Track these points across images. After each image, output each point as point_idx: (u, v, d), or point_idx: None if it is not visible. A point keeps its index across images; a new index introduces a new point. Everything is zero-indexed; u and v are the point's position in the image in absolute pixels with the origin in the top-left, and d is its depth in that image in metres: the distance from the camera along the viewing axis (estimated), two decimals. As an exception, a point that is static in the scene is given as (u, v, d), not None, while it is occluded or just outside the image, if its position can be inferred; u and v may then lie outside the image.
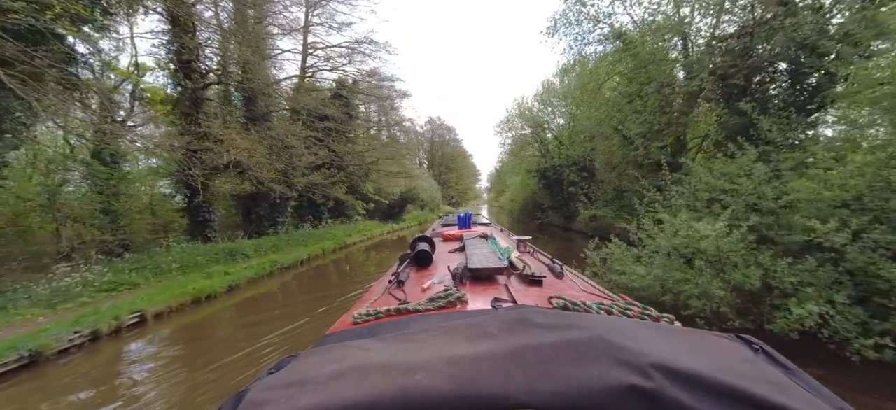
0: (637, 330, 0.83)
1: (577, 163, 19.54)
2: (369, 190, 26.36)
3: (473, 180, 72.06)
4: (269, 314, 7.92)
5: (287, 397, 0.69)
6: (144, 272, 8.62)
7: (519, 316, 0.91)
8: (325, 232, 18.36)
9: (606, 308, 1.37)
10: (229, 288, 9.11)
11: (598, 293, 1.95)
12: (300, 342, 6.00)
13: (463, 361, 0.73)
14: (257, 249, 12.56)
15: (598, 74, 14.74)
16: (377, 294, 1.97)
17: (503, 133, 29.47)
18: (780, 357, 0.83)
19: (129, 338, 6.58)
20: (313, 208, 20.61)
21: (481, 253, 2.54)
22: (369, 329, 1.35)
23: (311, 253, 13.58)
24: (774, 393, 0.63)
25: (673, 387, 0.63)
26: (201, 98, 12.25)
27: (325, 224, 20.53)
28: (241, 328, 7.40)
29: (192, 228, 13.32)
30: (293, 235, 16.67)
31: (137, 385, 5.04)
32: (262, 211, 16.44)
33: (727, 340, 0.91)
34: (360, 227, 22.17)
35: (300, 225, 19.03)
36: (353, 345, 0.92)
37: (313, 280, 11.19)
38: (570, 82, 22.09)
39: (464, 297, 1.62)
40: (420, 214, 35.97)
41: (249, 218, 16.59)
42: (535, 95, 25.72)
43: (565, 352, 0.72)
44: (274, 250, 13.17)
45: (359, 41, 17.60)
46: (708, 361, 0.71)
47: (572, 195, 23.87)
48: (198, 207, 13.09)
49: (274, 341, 6.11)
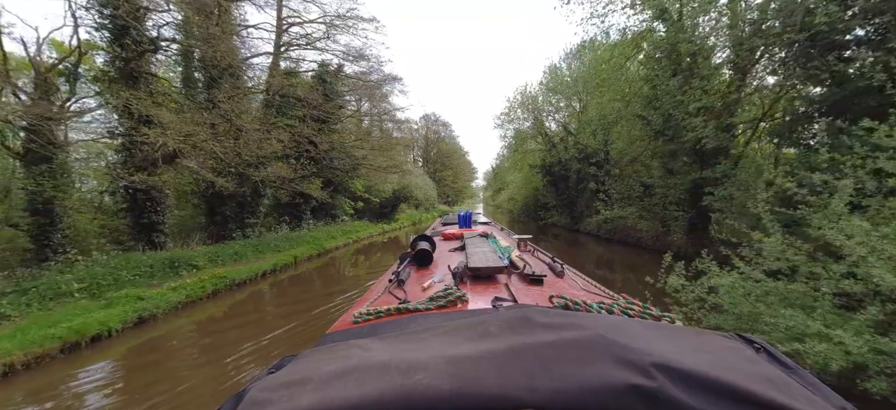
0: (638, 330, 0.85)
1: (589, 157, 17.41)
2: (358, 187, 24.14)
3: (470, 178, 70.03)
4: (176, 370, 5.20)
5: (287, 396, 0.69)
6: (29, 296, 6.26)
7: (520, 315, 0.92)
8: (304, 234, 16.08)
9: (607, 307, 1.36)
10: (139, 320, 6.41)
11: (598, 292, 1.96)
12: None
13: (464, 360, 0.73)
14: (213, 258, 10.27)
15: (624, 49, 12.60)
16: (378, 293, 1.98)
17: (504, 125, 27.29)
18: (782, 356, 0.83)
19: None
20: (293, 208, 18.33)
21: (482, 252, 2.49)
22: (370, 328, 1.37)
23: (279, 262, 11.20)
24: (777, 392, 0.63)
25: (674, 387, 0.62)
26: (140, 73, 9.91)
27: (306, 226, 18.23)
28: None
29: (135, 232, 11.00)
30: (265, 239, 14.38)
31: None
32: (227, 212, 14.14)
33: (728, 339, 0.90)
34: (346, 229, 19.91)
35: (277, 227, 16.74)
36: (354, 344, 0.92)
37: (270, 303, 8.54)
38: (580, 67, 19.88)
39: (464, 296, 1.61)
40: (414, 213, 33.77)
41: (214, 220, 14.30)
42: (539, 83, 23.50)
43: (566, 352, 0.71)
44: (234, 259, 10.88)
45: (341, 15, 15.31)
46: (710, 360, 0.71)
47: (580, 192, 21.79)
48: (140, 207, 10.78)
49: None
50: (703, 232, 10.09)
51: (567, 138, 22.63)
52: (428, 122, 57.56)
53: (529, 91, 23.54)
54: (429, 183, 38.20)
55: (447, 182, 55.27)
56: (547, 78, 22.18)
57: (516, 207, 34.84)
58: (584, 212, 21.29)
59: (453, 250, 3.03)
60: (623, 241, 14.57)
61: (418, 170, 40.81)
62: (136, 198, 10.66)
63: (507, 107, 26.09)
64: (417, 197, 32.17)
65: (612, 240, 15.40)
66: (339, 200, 23.07)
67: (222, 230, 14.12)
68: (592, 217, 19.55)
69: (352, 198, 24.75)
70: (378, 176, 22.74)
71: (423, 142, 56.73)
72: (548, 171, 23.56)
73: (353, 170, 21.79)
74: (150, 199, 10.76)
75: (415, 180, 31.25)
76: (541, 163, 24.73)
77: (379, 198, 26.48)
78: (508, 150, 33.62)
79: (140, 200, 10.67)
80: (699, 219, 10.10)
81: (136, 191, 10.43)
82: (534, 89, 23.46)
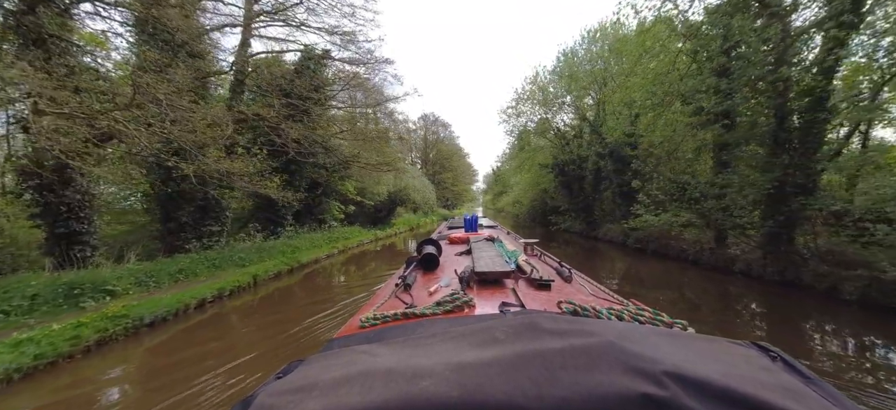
0: (649, 337, 0.82)
1: (614, 153, 14.99)
2: (349, 189, 21.72)
3: (470, 181, 67.77)
4: None
5: (294, 402, 0.69)
6: None
7: (527, 321, 0.90)
8: (280, 244, 13.62)
9: (617, 313, 1.32)
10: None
11: (607, 297, 1.91)
12: None
13: (470, 367, 0.72)
14: (145, 279, 7.82)
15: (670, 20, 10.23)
16: (384, 297, 1.96)
17: (510, 119, 24.74)
18: (799, 366, 0.80)
19: None
20: (271, 212, 15.89)
21: (488, 256, 2.44)
22: (376, 333, 1.34)
23: (230, 285, 8.47)
24: (795, 403, 0.61)
25: (687, 396, 0.60)
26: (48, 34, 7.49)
27: (284, 233, 15.78)
28: None
29: (50, 244, 8.56)
30: (231, 251, 11.96)
31: None
32: (183, 217, 11.70)
33: (743, 347, 0.88)
34: (333, 236, 17.47)
35: (253, 234, 14.29)
36: (361, 350, 0.91)
37: (178, 365, 5.00)
38: (602, 49, 17.43)
39: (471, 302, 1.60)
40: (412, 218, 31.34)
41: (169, 228, 11.86)
42: (551, 71, 20.97)
43: (575, 359, 0.70)
44: (176, 278, 8.44)
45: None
46: (724, 369, 0.69)
47: (599, 194, 19.38)
48: (55, 211, 8.34)
49: None
50: (790, 246, 7.71)
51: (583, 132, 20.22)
52: (427, 123, 55.44)
53: (541, 79, 21.08)
54: (427, 185, 35.81)
55: (447, 184, 53.06)
56: (561, 64, 19.71)
57: (522, 211, 32.25)
58: (605, 217, 18.86)
59: (459, 254, 2.96)
60: (661, 253, 12.14)
61: (416, 171, 38.47)
62: (49, 201, 8.23)
63: (515, 98, 23.61)
64: (415, 199, 29.76)
65: (645, 251, 12.97)
66: (328, 204, 20.68)
67: (177, 239, 11.69)
68: (614, 223, 17.10)
69: (342, 201, 22.38)
70: (370, 175, 20.36)
71: (422, 144, 54.53)
72: (561, 170, 21.13)
73: (343, 170, 19.38)
74: (65, 202, 8.32)
75: (412, 181, 28.86)
76: (552, 162, 22.28)
77: (373, 201, 24.07)
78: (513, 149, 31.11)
79: (53, 204, 8.24)
80: (784, 229, 7.68)
81: (45, 191, 8.01)
82: (545, 77, 20.99)
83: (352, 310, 5.78)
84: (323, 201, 20.34)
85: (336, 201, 21.80)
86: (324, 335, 6.05)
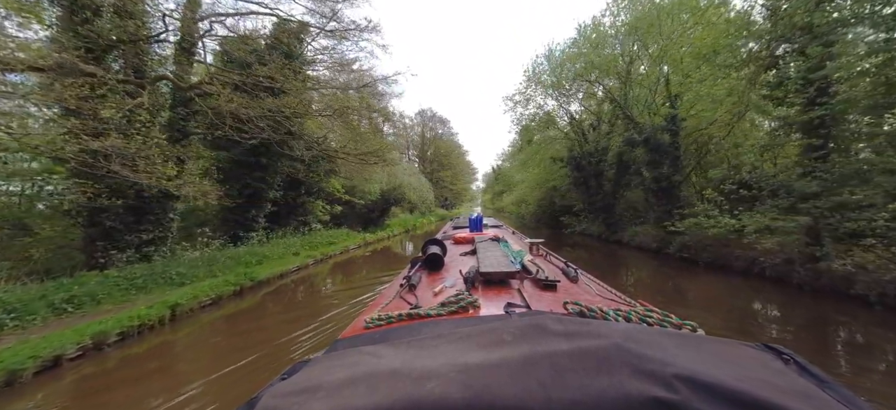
0: (659, 339, 0.79)
1: (650, 140, 12.41)
2: (336, 187, 19.12)
3: (470, 180, 65.24)
4: None
5: (299, 403, 0.68)
6: None
7: (534, 322, 0.87)
8: (241, 254, 11.01)
9: (624, 314, 1.28)
10: None
11: (615, 298, 1.88)
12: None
13: (476, 369, 0.70)
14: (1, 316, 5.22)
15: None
16: (389, 298, 1.96)
17: (517, 107, 22.01)
18: (813, 368, 0.78)
19: None
20: (238, 213, 13.27)
21: (493, 256, 2.38)
22: (381, 334, 1.31)
23: (131, 323, 5.65)
24: (808, 407, 0.60)
25: (699, 400, 0.59)
26: None
27: (253, 239, 13.17)
28: None
29: None
30: (173, 263, 9.37)
31: None
32: (108, 223, 9.06)
33: (755, 350, 0.85)
34: (313, 241, 14.86)
35: (206, 242, 11.67)
36: (366, 351, 0.89)
37: None
38: (635, 13, 14.69)
39: (476, 302, 1.57)
40: (409, 218, 28.74)
41: (90, 235, 9.23)
42: (567, 48, 18.18)
43: (583, 361, 0.68)
44: (61, 310, 5.84)
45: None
46: (737, 372, 0.67)
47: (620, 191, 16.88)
48: None
49: None
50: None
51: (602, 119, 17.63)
52: (424, 118, 52.86)
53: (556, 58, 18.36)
54: (425, 183, 33.20)
55: (445, 183, 50.54)
56: (581, 38, 16.99)
57: (528, 212, 29.56)
58: (630, 218, 16.32)
59: (464, 254, 2.92)
60: (719, 265, 9.59)
61: (413, 169, 35.84)
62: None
63: (524, 82, 20.90)
64: (411, 198, 27.18)
65: (695, 262, 10.40)
66: (311, 203, 18.10)
67: (107, 252, 9.07)
68: (642, 225, 14.56)
69: (329, 200, 19.78)
70: (359, 171, 17.79)
71: (419, 140, 51.91)
72: (576, 165, 18.55)
73: (326, 164, 16.78)
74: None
75: (408, 179, 26.28)
76: (567, 155, 19.70)
77: (364, 201, 21.48)
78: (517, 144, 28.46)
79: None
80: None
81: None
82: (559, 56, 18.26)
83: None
84: (306, 201, 17.81)
85: (321, 201, 19.27)
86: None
